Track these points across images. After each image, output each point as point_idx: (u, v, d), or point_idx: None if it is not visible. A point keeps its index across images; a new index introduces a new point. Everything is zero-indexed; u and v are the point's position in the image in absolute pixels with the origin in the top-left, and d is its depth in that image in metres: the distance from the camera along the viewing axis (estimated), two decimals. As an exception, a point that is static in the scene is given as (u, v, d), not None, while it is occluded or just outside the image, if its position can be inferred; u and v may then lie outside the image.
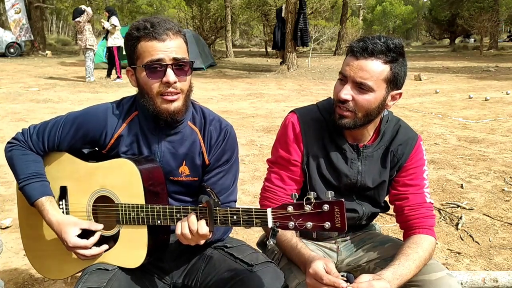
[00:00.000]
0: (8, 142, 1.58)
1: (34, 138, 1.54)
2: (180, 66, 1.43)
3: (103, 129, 1.51)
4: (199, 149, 1.56)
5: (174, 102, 1.44)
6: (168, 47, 1.41)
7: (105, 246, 1.46)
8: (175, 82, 1.42)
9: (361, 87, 1.46)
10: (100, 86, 10.79)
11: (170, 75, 1.40)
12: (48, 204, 1.47)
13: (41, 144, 1.54)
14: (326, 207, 1.16)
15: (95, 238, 1.44)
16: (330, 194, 1.18)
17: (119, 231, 1.45)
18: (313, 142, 1.61)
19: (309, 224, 1.17)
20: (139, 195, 1.41)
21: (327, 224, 1.16)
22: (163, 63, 1.40)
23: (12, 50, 19.57)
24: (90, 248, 1.43)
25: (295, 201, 1.19)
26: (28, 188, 1.48)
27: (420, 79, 12.83)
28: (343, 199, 1.17)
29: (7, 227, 3.21)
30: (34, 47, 21.28)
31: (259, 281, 1.42)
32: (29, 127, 1.58)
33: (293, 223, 1.18)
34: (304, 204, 1.17)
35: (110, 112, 1.54)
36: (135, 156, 1.52)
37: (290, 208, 1.18)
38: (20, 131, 1.59)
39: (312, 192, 1.18)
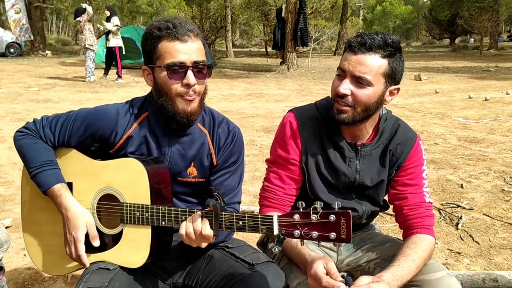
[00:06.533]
0: (18, 131, 1.58)
1: (46, 130, 1.54)
2: (200, 69, 1.44)
3: (114, 128, 1.52)
4: (208, 150, 1.57)
5: (191, 103, 1.46)
6: (190, 49, 1.42)
7: (87, 263, 1.47)
8: (194, 85, 1.43)
9: (359, 82, 1.46)
10: (100, 86, 10.79)
11: (191, 78, 1.42)
12: (64, 191, 1.48)
13: (52, 137, 1.54)
14: (332, 217, 1.16)
15: (85, 256, 1.46)
16: (337, 205, 1.18)
17: (122, 230, 1.45)
18: (311, 140, 1.61)
19: (315, 234, 1.17)
20: (144, 195, 1.41)
21: (333, 235, 1.16)
22: (184, 65, 1.41)
23: (12, 50, 19.56)
24: (78, 254, 1.45)
25: (301, 209, 1.19)
26: (41, 175, 1.48)
27: (420, 79, 12.84)
28: (349, 211, 1.17)
29: (7, 227, 3.21)
30: (34, 47, 21.28)
31: (260, 280, 1.42)
32: (41, 118, 1.58)
33: (299, 232, 1.19)
34: (311, 213, 1.17)
35: (121, 112, 1.54)
36: (143, 156, 1.52)
37: (297, 217, 1.18)
38: (31, 121, 1.59)
39: (319, 202, 1.18)
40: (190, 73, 1.42)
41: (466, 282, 2.30)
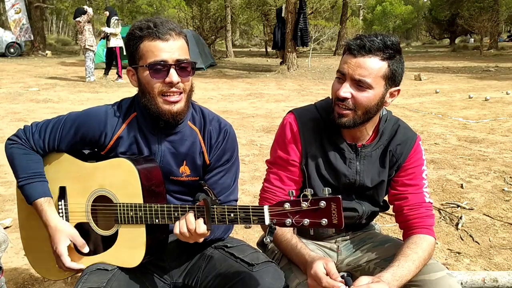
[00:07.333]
0: (9, 139, 1.58)
1: (36, 136, 1.55)
2: (183, 67, 1.44)
3: (103, 130, 1.52)
4: (200, 149, 1.56)
5: (177, 104, 1.46)
6: (172, 48, 1.42)
7: (81, 266, 1.48)
8: (177, 83, 1.43)
9: (359, 85, 1.46)
10: (100, 86, 10.79)
11: (173, 76, 1.42)
12: (47, 205, 1.48)
13: (42, 143, 1.54)
14: (322, 203, 1.16)
15: (73, 265, 1.47)
16: (327, 191, 1.18)
17: (117, 230, 1.45)
18: (311, 142, 1.61)
19: (306, 221, 1.17)
20: (137, 194, 1.41)
21: (324, 221, 1.17)
22: (166, 63, 1.41)
23: (12, 50, 19.57)
24: (66, 266, 1.47)
25: (292, 198, 1.19)
26: (28, 187, 1.49)
27: (420, 79, 12.84)
28: (339, 195, 1.17)
29: (7, 227, 3.21)
30: (34, 47, 21.28)
31: (259, 280, 1.42)
32: (31, 125, 1.59)
33: (290, 220, 1.19)
34: (301, 201, 1.17)
35: (110, 113, 1.54)
36: (134, 155, 1.52)
37: (287, 205, 1.19)
38: (22, 127, 1.59)
39: (309, 189, 1.18)
40: (172, 71, 1.42)
41: (466, 282, 2.30)
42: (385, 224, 3.31)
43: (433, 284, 1.43)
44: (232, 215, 1.27)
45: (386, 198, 1.73)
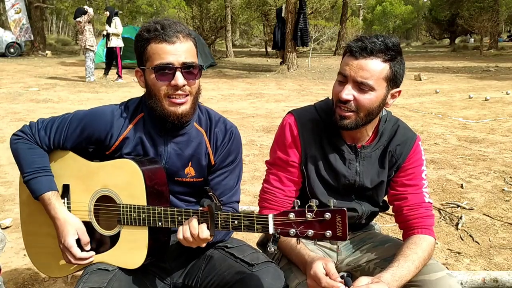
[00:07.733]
0: (14, 134, 1.58)
1: (41, 133, 1.55)
2: (189, 70, 1.44)
3: (109, 130, 1.52)
4: (205, 150, 1.57)
5: (182, 105, 1.46)
6: (178, 51, 1.42)
7: (91, 259, 1.48)
8: (183, 86, 1.43)
9: (361, 87, 1.46)
10: (100, 86, 10.80)
11: (179, 79, 1.42)
12: (54, 199, 1.48)
13: (47, 139, 1.54)
14: (327, 215, 1.16)
15: (84, 255, 1.47)
16: (332, 202, 1.17)
17: (119, 231, 1.46)
18: (311, 143, 1.61)
19: (310, 232, 1.17)
20: (140, 195, 1.41)
21: (328, 233, 1.16)
22: (172, 66, 1.41)
23: (12, 50, 19.58)
24: (77, 258, 1.46)
25: (297, 208, 1.19)
26: (34, 181, 1.49)
27: (420, 79, 12.84)
28: (345, 208, 1.16)
29: (7, 227, 3.21)
30: (34, 47, 21.29)
31: (259, 281, 1.42)
32: (37, 121, 1.59)
33: (294, 230, 1.18)
34: (306, 211, 1.17)
35: (116, 113, 1.54)
36: (139, 157, 1.52)
37: (292, 215, 1.18)
38: (28, 124, 1.60)
39: (314, 200, 1.18)
40: (178, 74, 1.42)
41: (466, 282, 2.30)
42: (385, 224, 3.31)
43: (433, 284, 1.43)
44: (236, 222, 1.27)
45: (385, 198, 1.73)
